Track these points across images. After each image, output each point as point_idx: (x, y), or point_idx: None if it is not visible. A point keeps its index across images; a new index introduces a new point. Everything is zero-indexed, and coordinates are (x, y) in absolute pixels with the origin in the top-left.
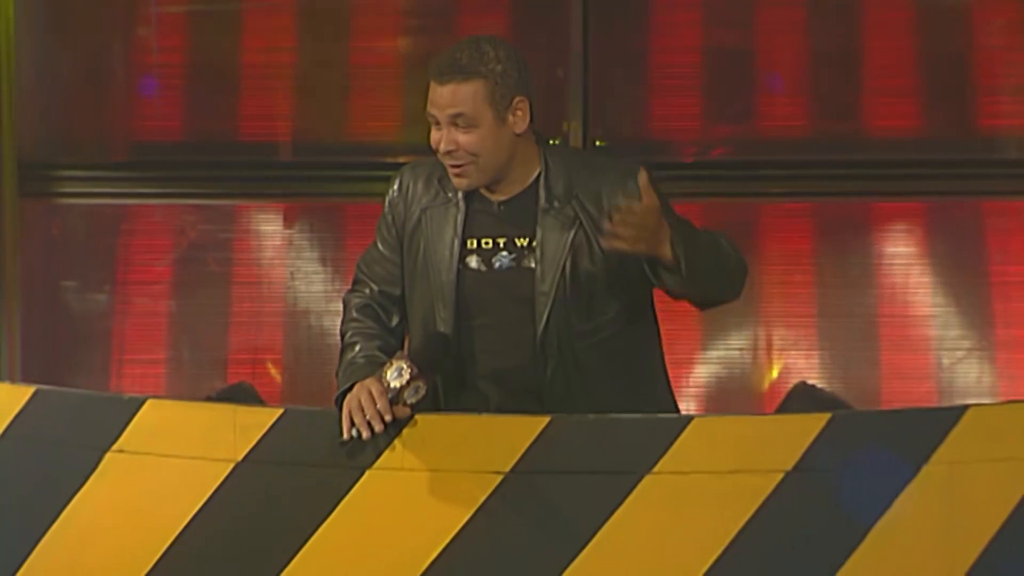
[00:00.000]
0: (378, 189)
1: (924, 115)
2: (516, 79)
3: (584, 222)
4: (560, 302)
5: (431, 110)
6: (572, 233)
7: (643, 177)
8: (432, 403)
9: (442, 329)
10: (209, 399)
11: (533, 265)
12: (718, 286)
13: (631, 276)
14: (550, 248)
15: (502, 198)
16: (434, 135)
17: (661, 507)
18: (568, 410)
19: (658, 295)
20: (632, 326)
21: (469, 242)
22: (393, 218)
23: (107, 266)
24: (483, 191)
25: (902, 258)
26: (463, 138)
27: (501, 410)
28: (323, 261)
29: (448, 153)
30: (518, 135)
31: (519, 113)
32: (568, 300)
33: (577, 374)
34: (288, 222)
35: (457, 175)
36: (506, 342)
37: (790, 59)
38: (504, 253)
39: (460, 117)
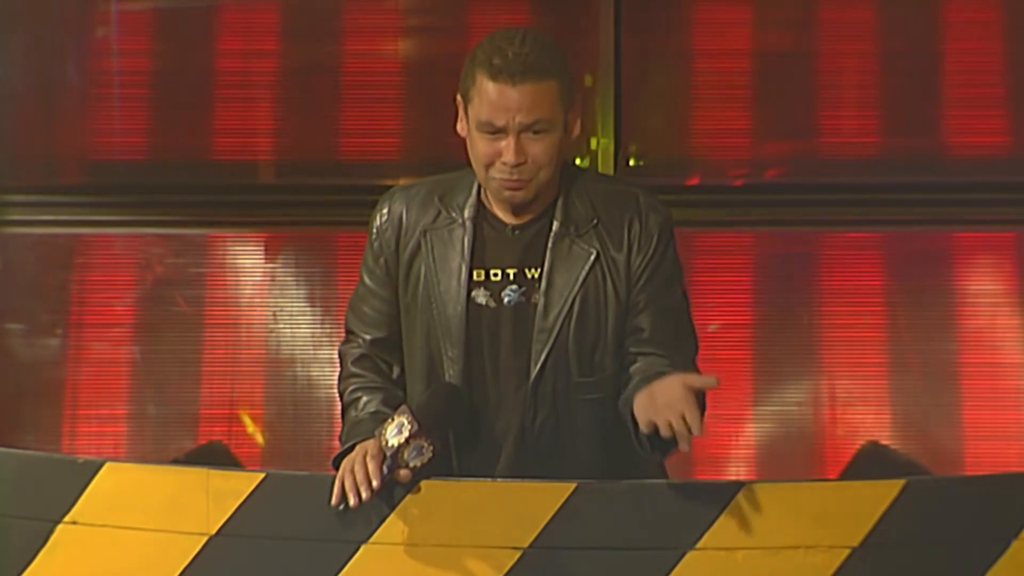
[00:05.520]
0: None
1: (1013, 130)
2: (574, 80)
3: (603, 258)
4: (561, 344)
5: (493, 116)
6: (587, 268)
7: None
8: (445, 467)
9: (451, 373)
10: (177, 462)
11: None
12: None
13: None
14: (559, 280)
15: (518, 221)
16: (489, 146)
17: None
18: (554, 471)
19: None
20: None
21: (476, 273)
22: (381, 246)
23: (58, 306)
24: (498, 211)
25: (988, 297)
26: (536, 148)
27: (505, 472)
28: (311, 299)
29: (517, 166)
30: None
31: (576, 120)
32: (571, 344)
33: (569, 431)
34: (270, 254)
35: (516, 188)
36: (506, 390)
37: (856, 64)
38: (514, 286)
39: (539, 123)
